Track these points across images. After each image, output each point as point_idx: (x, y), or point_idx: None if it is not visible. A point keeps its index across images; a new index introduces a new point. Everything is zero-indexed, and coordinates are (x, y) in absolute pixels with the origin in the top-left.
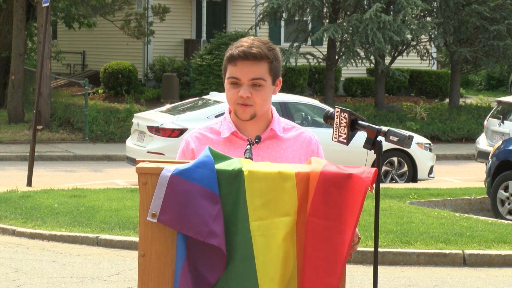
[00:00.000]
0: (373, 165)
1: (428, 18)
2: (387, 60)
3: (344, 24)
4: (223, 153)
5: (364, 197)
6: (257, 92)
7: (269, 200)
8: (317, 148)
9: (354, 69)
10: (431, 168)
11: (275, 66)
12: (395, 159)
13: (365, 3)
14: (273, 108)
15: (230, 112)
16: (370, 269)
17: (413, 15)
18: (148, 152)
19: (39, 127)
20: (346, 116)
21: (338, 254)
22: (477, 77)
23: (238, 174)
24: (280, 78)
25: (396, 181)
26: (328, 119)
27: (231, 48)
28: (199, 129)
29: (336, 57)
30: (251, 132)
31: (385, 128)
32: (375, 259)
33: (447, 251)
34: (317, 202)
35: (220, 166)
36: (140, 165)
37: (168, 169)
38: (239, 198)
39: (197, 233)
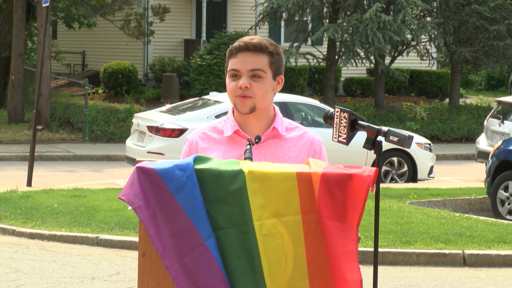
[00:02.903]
0: (373, 165)
1: (428, 18)
2: (387, 60)
3: (344, 24)
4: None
5: (366, 195)
6: (256, 83)
7: (270, 199)
8: (320, 148)
9: (354, 69)
10: (431, 168)
11: (276, 60)
12: (395, 159)
13: (365, 3)
14: (277, 108)
15: (233, 112)
16: (370, 269)
17: (413, 15)
18: (148, 152)
19: (39, 127)
20: (346, 116)
21: (350, 252)
22: (477, 77)
23: (238, 174)
24: (282, 76)
25: (396, 181)
26: (328, 119)
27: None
28: (202, 128)
29: (336, 57)
30: (254, 130)
31: (385, 128)
32: (375, 259)
33: (447, 251)
34: (323, 203)
35: (219, 166)
36: None
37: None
38: (242, 197)
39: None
